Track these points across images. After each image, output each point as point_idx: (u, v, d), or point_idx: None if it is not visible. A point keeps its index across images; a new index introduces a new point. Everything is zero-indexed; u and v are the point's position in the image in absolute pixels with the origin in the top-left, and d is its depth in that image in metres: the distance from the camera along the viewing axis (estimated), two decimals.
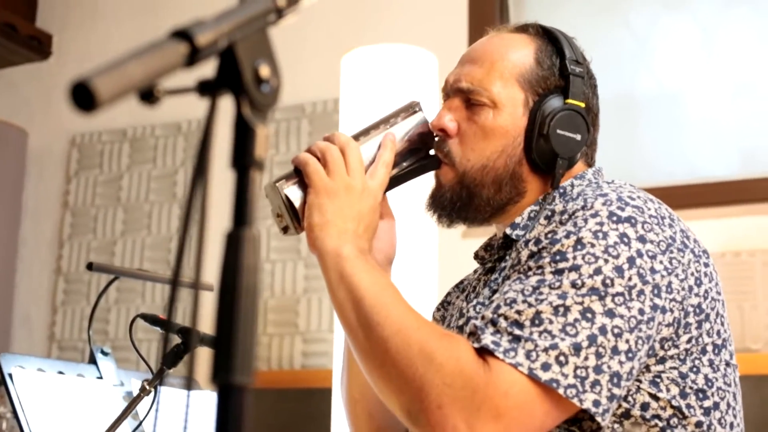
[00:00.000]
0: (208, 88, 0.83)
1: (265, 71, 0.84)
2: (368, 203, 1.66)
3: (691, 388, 1.55)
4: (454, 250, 3.93)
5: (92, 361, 2.23)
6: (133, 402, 1.95)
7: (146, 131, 4.92)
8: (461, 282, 1.97)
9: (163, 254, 4.76)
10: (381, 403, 1.82)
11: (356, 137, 1.73)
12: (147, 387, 1.95)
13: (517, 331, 1.45)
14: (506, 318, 1.47)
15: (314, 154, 1.68)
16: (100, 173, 5.01)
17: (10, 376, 2.00)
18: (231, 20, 0.84)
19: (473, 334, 1.49)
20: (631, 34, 4.24)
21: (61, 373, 2.10)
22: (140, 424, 2.02)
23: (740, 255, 3.58)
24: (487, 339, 1.46)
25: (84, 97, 0.72)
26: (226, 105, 0.87)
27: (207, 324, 2.15)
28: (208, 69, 0.86)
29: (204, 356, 1.98)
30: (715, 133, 4.03)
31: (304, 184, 1.67)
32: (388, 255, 1.80)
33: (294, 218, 1.69)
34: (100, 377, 2.18)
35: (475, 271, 1.94)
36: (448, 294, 1.98)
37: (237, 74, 0.82)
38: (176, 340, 2.02)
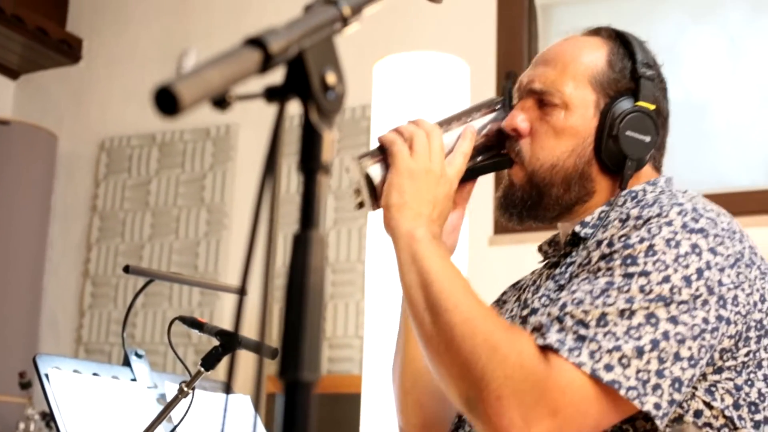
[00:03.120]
0: (276, 94, 0.85)
1: (331, 78, 0.86)
2: (444, 189, 1.68)
3: (744, 400, 1.57)
4: (483, 257, 3.95)
5: (126, 363, 2.24)
6: (171, 403, 1.97)
7: (175, 136, 4.95)
8: (518, 282, 1.99)
9: (190, 258, 4.79)
10: (432, 394, 1.84)
11: (438, 125, 1.75)
12: (185, 389, 1.96)
13: (582, 331, 1.47)
14: (572, 317, 1.49)
15: (401, 134, 1.71)
16: (129, 177, 5.05)
17: (47, 376, 2.01)
18: (300, 29, 0.86)
19: (538, 330, 1.52)
20: (658, 45, 4.23)
21: (96, 374, 2.11)
22: (175, 428, 2.03)
23: None
24: (552, 337, 1.48)
25: (167, 101, 0.75)
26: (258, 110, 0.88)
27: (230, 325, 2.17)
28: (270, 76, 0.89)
29: (241, 360, 2.00)
30: (742, 142, 4.04)
31: (386, 163, 1.70)
32: (451, 245, 1.83)
33: (372, 195, 1.71)
34: (134, 379, 2.19)
35: (533, 272, 1.96)
36: (504, 293, 2.00)
37: (305, 81, 0.85)
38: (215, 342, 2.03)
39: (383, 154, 1.72)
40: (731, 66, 4.13)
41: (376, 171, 1.71)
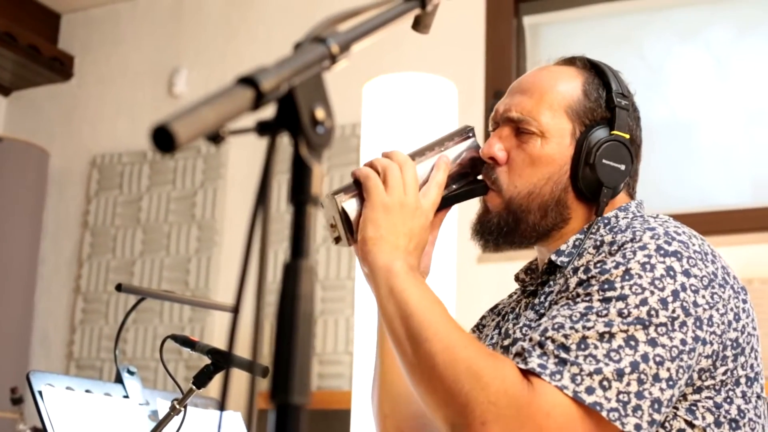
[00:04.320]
0: (267, 129, 0.89)
1: (320, 114, 0.89)
2: (420, 221, 1.70)
3: (725, 417, 1.61)
4: (471, 275, 3.98)
5: (118, 380, 2.25)
6: (163, 421, 1.99)
7: None
8: (496, 306, 2.02)
9: (181, 275, 4.82)
10: (412, 419, 1.87)
11: (411, 157, 1.77)
12: (177, 406, 1.99)
13: (563, 354, 1.51)
14: (553, 341, 1.53)
15: (375, 168, 1.73)
16: (120, 194, 5.07)
17: (40, 393, 2.03)
18: (290, 67, 0.89)
19: (520, 355, 1.55)
20: (645, 64, 4.29)
21: (88, 391, 2.13)
22: None
23: (752, 282, 3.62)
24: (534, 362, 1.51)
25: (164, 139, 0.78)
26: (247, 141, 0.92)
27: (221, 342, 2.20)
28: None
29: (233, 377, 2.03)
30: (728, 161, 4.07)
31: (361, 198, 1.72)
32: (423, 270, 1.84)
33: (348, 230, 1.73)
34: (127, 396, 2.21)
35: (511, 296, 1.99)
36: (483, 318, 2.03)
37: (295, 116, 0.88)
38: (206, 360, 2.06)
39: (358, 188, 1.73)
40: (718, 85, 4.17)
41: (351, 206, 1.73)
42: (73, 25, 5.51)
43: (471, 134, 1.86)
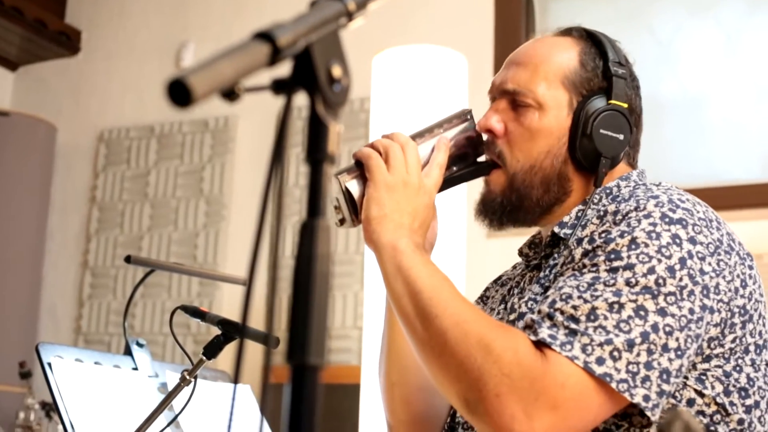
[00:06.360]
0: (283, 87, 0.87)
1: (337, 71, 0.88)
2: (423, 200, 1.70)
3: (734, 386, 1.60)
4: (481, 250, 3.97)
5: (127, 352, 2.25)
6: (173, 392, 1.99)
7: (174, 127, 4.97)
8: (500, 278, 2.01)
9: (189, 249, 4.82)
10: (419, 390, 1.86)
11: (411, 138, 1.77)
12: (188, 377, 1.98)
13: (573, 326, 1.50)
14: (562, 312, 1.52)
15: (376, 149, 1.73)
16: (128, 168, 5.06)
17: (50, 365, 2.03)
18: (307, 23, 0.88)
19: (530, 327, 1.54)
20: (655, 40, 4.27)
21: (98, 363, 2.13)
22: (177, 416, 2.05)
23: (762, 258, 3.61)
24: (544, 332, 1.50)
25: (179, 93, 0.77)
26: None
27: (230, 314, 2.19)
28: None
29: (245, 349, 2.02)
30: (737, 137, 4.06)
31: (363, 178, 1.72)
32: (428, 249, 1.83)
33: (352, 211, 1.73)
34: (136, 368, 2.21)
35: (514, 267, 1.98)
36: (487, 289, 2.03)
37: (312, 74, 0.87)
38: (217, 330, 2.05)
39: (360, 169, 1.73)
40: (728, 61, 4.15)
41: (354, 186, 1.73)
42: (80, 0, 5.49)
43: (469, 117, 1.85)
